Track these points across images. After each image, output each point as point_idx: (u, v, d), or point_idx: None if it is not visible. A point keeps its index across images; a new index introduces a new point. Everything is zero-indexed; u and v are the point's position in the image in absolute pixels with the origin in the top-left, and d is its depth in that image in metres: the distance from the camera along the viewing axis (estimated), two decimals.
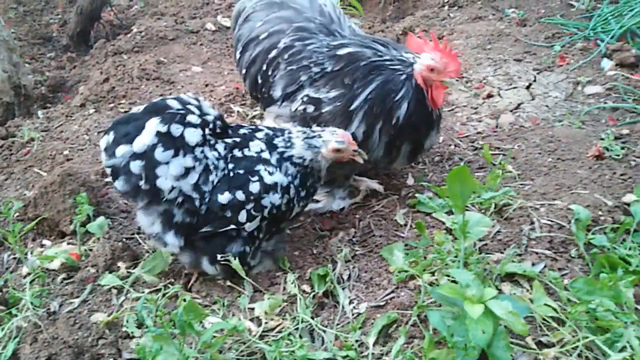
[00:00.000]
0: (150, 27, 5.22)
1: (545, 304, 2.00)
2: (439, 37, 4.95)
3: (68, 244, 2.72)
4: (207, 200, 2.13)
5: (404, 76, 2.48)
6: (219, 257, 2.21)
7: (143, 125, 1.98)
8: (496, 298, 1.76)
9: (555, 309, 1.98)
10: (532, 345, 1.90)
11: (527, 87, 3.91)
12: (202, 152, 2.10)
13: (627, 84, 3.80)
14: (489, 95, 3.85)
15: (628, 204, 2.54)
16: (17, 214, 2.84)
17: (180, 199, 2.09)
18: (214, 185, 2.14)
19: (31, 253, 2.70)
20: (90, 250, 2.62)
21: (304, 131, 2.31)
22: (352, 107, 2.51)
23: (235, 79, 4.39)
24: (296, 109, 2.69)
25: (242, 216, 2.16)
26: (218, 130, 2.20)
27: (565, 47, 4.40)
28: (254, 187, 2.14)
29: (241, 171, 2.16)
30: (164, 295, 2.30)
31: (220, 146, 2.20)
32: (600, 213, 2.49)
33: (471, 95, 3.92)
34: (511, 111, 3.66)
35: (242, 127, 2.38)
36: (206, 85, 4.27)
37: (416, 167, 3.18)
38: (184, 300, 2.03)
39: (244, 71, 2.99)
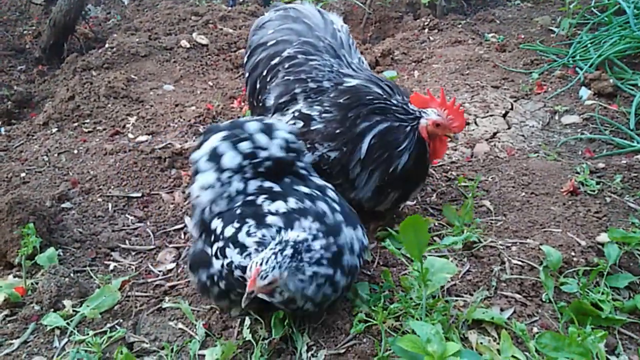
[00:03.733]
0: (122, 42, 5.06)
1: (512, 356, 1.90)
2: (418, 60, 4.89)
3: (15, 276, 2.55)
4: (211, 217, 2.11)
5: (408, 128, 2.44)
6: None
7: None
8: (458, 354, 1.65)
9: None
10: None
11: (504, 115, 3.83)
12: (229, 178, 2.08)
13: (605, 114, 3.74)
14: (465, 123, 3.75)
15: (602, 244, 2.46)
16: None
17: (200, 208, 2.14)
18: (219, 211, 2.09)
19: None
20: (37, 283, 2.45)
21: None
22: (354, 155, 2.44)
23: (208, 98, 4.26)
24: (286, 122, 2.63)
25: (214, 250, 2.02)
26: (262, 170, 2.11)
27: (543, 75, 4.35)
28: (228, 232, 1.96)
29: (235, 222, 1.97)
30: (109, 338, 2.15)
31: (252, 184, 2.09)
32: (573, 254, 2.40)
33: None
34: (487, 140, 3.57)
35: (311, 182, 2.18)
36: (176, 105, 4.12)
37: None
38: (121, 352, 1.87)
39: (247, 75, 2.99)
